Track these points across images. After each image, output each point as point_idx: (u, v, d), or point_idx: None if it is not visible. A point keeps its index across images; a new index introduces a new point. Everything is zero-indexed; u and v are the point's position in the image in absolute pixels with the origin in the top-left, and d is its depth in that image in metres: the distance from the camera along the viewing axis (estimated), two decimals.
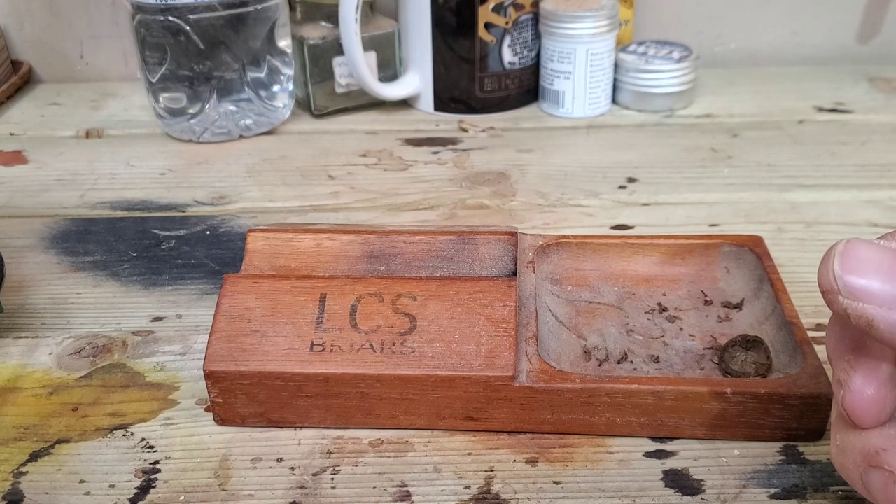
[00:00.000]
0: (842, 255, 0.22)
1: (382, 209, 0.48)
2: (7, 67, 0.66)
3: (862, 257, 0.22)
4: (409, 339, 0.31)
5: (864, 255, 0.22)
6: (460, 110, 0.60)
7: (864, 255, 0.22)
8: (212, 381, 0.31)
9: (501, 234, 0.35)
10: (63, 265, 0.44)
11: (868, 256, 0.22)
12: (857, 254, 0.22)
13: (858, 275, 0.22)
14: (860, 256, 0.22)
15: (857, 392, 0.23)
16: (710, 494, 0.29)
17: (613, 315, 0.36)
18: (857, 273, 0.22)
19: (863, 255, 0.22)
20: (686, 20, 0.68)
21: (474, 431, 0.32)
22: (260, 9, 0.53)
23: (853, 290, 0.22)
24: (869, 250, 0.22)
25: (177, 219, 0.48)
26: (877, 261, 0.22)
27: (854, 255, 0.22)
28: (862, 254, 0.22)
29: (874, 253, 0.22)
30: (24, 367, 0.36)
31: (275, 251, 0.35)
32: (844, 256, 0.22)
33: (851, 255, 0.22)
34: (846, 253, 0.22)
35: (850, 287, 0.22)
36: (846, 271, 0.22)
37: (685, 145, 0.55)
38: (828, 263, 0.22)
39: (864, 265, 0.22)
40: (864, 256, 0.22)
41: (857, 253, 0.22)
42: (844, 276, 0.22)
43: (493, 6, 0.57)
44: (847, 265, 0.22)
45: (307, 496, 0.29)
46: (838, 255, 0.22)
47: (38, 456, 0.32)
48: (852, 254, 0.22)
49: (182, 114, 0.56)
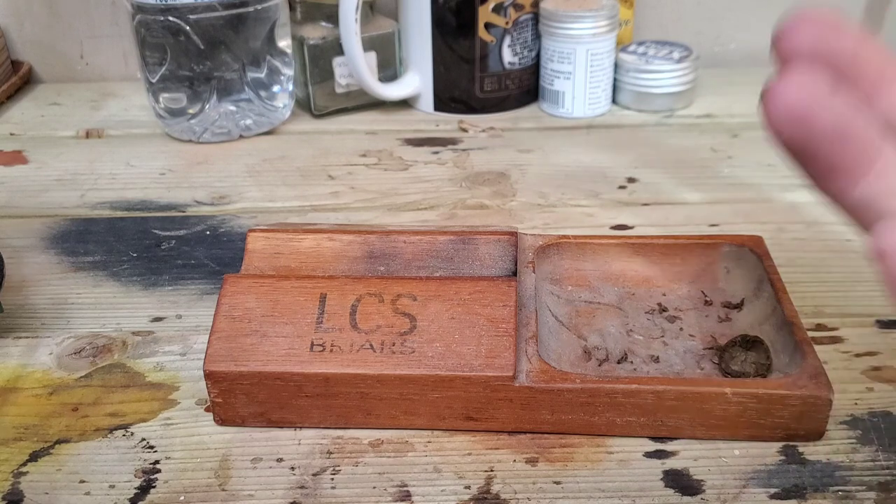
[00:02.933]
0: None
1: (382, 209, 0.48)
2: (7, 67, 0.66)
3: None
4: (409, 339, 0.31)
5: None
6: (460, 110, 0.60)
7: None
8: (212, 381, 0.31)
9: (501, 234, 0.35)
10: (63, 265, 0.44)
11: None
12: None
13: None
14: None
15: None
16: (710, 494, 0.29)
17: (613, 315, 0.36)
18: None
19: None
20: (686, 20, 0.68)
21: (474, 431, 0.32)
22: (260, 9, 0.53)
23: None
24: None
25: (177, 219, 0.48)
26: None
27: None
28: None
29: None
30: (24, 367, 0.36)
31: (275, 251, 0.35)
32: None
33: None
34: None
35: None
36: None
37: (685, 145, 0.55)
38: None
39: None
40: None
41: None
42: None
43: (493, 6, 0.57)
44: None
45: (307, 496, 0.29)
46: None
47: (38, 456, 0.32)
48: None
49: (182, 114, 0.56)
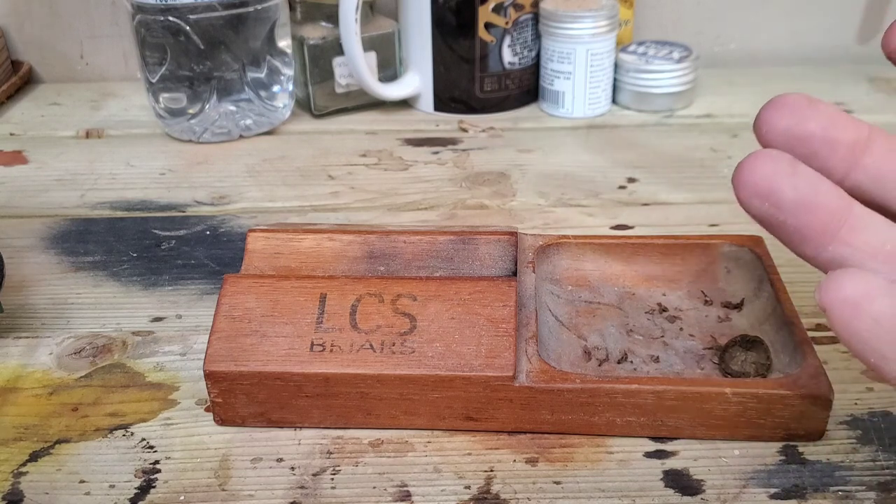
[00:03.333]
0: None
1: (382, 209, 0.48)
2: (7, 67, 0.66)
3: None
4: (409, 339, 0.31)
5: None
6: (460, 110, 0.60)
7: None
8: (212, 381, 0.31)
9: (501, 234, 0.35)
10: (63, 265, 0.44)
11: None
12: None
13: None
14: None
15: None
16: (710, 494, 0.29)
17: (613, 315, 0.36)
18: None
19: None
20: (686, 20, 0.68)
21: (474, 431, 0.32)
22: (260, 9, 0.53)
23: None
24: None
25: (177, 219, 0.48)
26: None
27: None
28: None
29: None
30: (24, 367, 0.36)
31: (275, 251, 0.35)
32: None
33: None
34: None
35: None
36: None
37: (685, 145, 0.55)
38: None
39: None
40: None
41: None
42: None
43: (493, 6, 0.57)
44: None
45: (307, 496, 0.29)
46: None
47: (38, 456, 0.32)
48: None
49: (182, 114, 0.56)
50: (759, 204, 0.23)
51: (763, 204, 0.23)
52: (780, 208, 0.23)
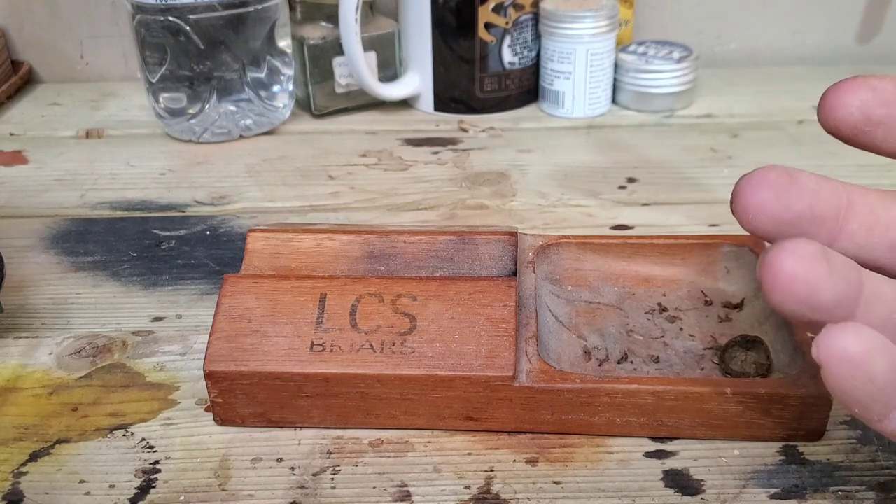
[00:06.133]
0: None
1: (382, 209, 0.48)
2: (7, 67, 0.66)
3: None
4: (409, 339, 0.31)
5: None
6: (460, 110, 0.60)
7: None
8: (212, 381, 0.31)
9: (501, 234, 0.35)
10: (63, 265, 0.44)
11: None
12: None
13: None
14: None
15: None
16: (710, 494, 0.29)
17: (613, 315, 0.36)
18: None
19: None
20: (686, 20, 0.68)
21: (474, 431, 0.32)
22: (260, 9, 0.53)
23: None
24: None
25: (177, 219, 0.48)
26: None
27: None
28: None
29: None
30: (24, 367, 0.36)
31: (275, 251, 0.35)
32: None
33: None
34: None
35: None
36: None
37: (685, 145, 0.55)
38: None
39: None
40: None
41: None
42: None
43: (493, 6, 0.57)
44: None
45: (307, 496, 0.29)
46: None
47: (38, 456, 0.32)
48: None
49: (182, 114, 0.56)
50: (797, 308, 0.21)
51: (801, 308, 0.21)
52: (818, 309, 0.22)
